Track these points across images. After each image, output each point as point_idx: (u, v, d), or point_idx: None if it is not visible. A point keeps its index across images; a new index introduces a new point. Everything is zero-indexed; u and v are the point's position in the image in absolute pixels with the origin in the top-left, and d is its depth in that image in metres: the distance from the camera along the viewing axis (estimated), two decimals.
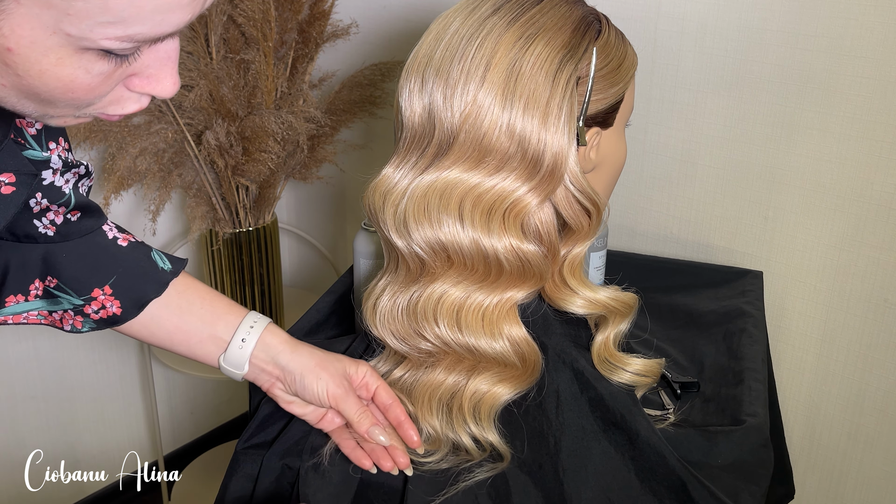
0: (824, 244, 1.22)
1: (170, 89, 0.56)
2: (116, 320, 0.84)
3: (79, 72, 0.50)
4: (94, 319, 0.84)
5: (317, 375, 0.83)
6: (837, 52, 1.14)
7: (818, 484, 1.33)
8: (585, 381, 0.80)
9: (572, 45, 0.76)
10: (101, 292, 0.82)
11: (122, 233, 0.85)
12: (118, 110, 0.57)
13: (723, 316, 1.14)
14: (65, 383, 1.77)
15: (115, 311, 0.83)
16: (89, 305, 0.82)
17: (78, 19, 0.47)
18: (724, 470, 0.85)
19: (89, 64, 0.50)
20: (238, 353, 0.84)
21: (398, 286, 0.81)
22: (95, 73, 0.51)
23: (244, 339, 0.84)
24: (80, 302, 0.82)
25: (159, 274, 0.85)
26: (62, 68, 0.50)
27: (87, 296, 0.82)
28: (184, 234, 1.87)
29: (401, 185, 0.78)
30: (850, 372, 1.25)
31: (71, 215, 0.80)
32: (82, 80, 0.51)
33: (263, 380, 0.85)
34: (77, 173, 0.78)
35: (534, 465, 0.79)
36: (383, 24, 1.66)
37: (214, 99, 1.49)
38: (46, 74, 0.50)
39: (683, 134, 1.31)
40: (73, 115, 0.56)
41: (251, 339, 0.84)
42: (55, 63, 0.49)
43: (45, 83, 0.50)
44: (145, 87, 0.56)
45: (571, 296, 0.82)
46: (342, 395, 0.82)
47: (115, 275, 0.83)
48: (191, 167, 1.56)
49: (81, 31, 0.48)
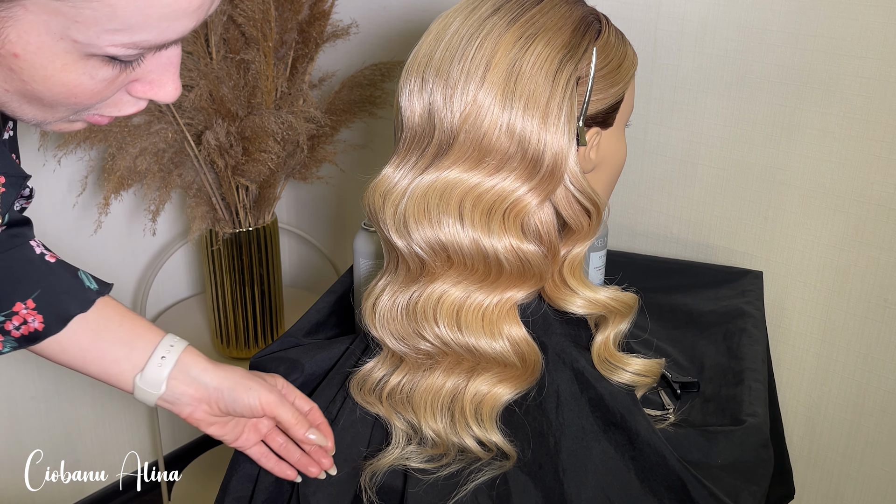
0: (824, 244, 1.22)
1: (171, 94, 0.57)
2: (38, 336, 0.80)
3: (83, 77, 0.51)
4: (15, 337, 0.80)
5: (247, 387, 0.81)
6: (837, 52, 1.14)
7: (818, 484, 1.33)
8: (585, 381, 0.80)
9: (572, 45, 0.76)
10: (23, 306, 0.78)
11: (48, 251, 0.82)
12: (115, 112, 0.57)
13: (723, 316, 1.14)
14: (65, 383, 1.77)
15: (36, 327, 0.79)
16: (10, 321, 0.79)
17: (86, 26, 0.48)
18: (724, 470, 0.85)
19: (94, 70, 0.51)
20: (156, 372, 0.81)
21: (398, 286, 0.81)
22: (99, 78, 0.52)
23: (164, 357, 0.81)
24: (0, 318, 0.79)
25: (85, 292, 0.81)
26: (67, 74, 0.50)
27: (7, 311, 0.78)
28: (184, 234, 1.87)
29: (401, 185, 0.78)
30: (850, 372, 1.25)
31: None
32: (86, 85, 0.52)
33: (184, 403, 0.82)
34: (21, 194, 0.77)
35: (534, 465, 0.79)
36: (383, 24, 1.66)
37: (214, 99, 1.49)
38: (51, 80, 0.50)
39: (683, 134, 1.31)
40: (69, 120, 0.56)
41: (171, 358, 0.81)
42: (60, 69, 0.50)
43: (50, 88, 0.51)
44: (147, 92, 0.56)
45: (571, 296, 0.82)
46: (277, 401, 0.81)
47: (39, 288, 0.79)
48: (191, 167, 1.56)
49: (88, 37, 0.48)
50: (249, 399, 0.81)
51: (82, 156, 1.63)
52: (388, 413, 0.84)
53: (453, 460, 0.81)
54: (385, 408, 0.84)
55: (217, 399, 0.82)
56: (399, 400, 0.83)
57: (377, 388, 0.84)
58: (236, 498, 0.88)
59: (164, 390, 0.81)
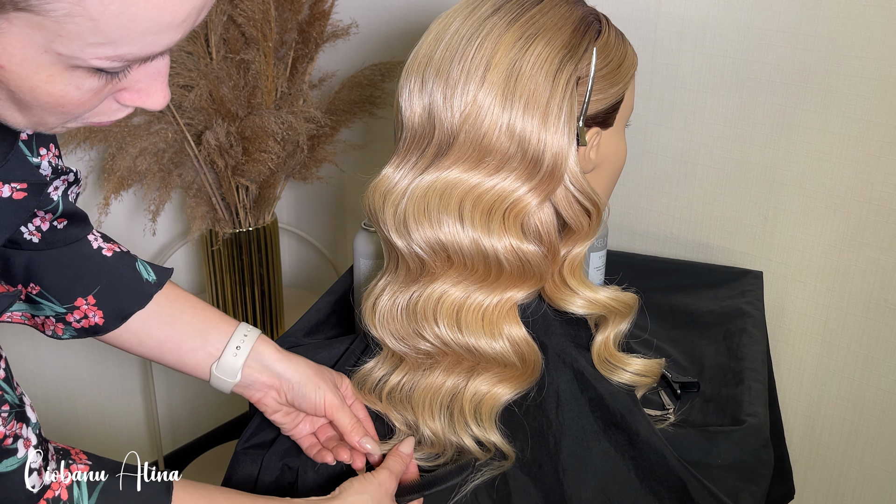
0: (824, 244, 1.22)
1: (160, 102, 0.57)
2: (98, 330, 0.83)
3: (69, 88, 0.51)
4: (76, 328, 0.83)
5: (315, 385, 0.84)
6: (837, 52, 1.14)
7: (818, 484, 1.33)
8: (585, 382, 0.80)
9: (572, 46, 0.76)
10: (84, 302, 0.82)
11: (108, 242, 0.85)
12: (105, 119, 0.57)
13: (723, 316, 1.14)
14: (65, 383, 1.77)
15: (97, 322, 0.82)
16: (71, 314, 0.82)
17: (69, 40, 0.48)
18: (724, 470, 0.85)
19: (80, 80, 0.51)
20: (232, 361, 0.84)
21: (398, 286, 0.81)
22: (86, 89, 0.52)
23: (238, 347, 0.84)
24: (62, 310, 0.81)
25: (143, 286, 0.84)
26: (53, 85, 0.51)
27: (69, 304, 0.81)
28: (184, 234, 1.87)
29: (401, 185, 0.78)
30: (850, 372, 1.25)
31: (57, 223, 0.79)
32: (72, 95, 0.52)
33: (255, 388, 0.85)
34: (66, 180, 0.78)
35: (534, 466, 0.79)
36: (383, 24, 1.66)
37: (214, 99, 1.49)
38: (38, 90, 0.51)
39: (683, 134, 1.31)
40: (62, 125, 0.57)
41: (245, 347, 0.84)
42: (46, 80, 0.50)
43: (37, 98, 0.51)
44: (136, 100, 0.56)
45: (571, 296, 0.82)
46: (339, 405, 0.84)
47: (98, 285, 0.82)
48: (191, 167, 1.56)
49: (72, 50, 0.48)
50: (316, 397, 0.83)
51: (82, 156, 1.63)
52: (387, 411, 0.84)
53: (450, 460, 0.81)
54: (384, 406, 0.84)
55: (287, 389, 0.84)
56: (399, 399, 0.83)
57: (377, 387, 0.84)
58: None
59: (240, 378, 0.84)
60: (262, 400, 0.85)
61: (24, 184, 0.67)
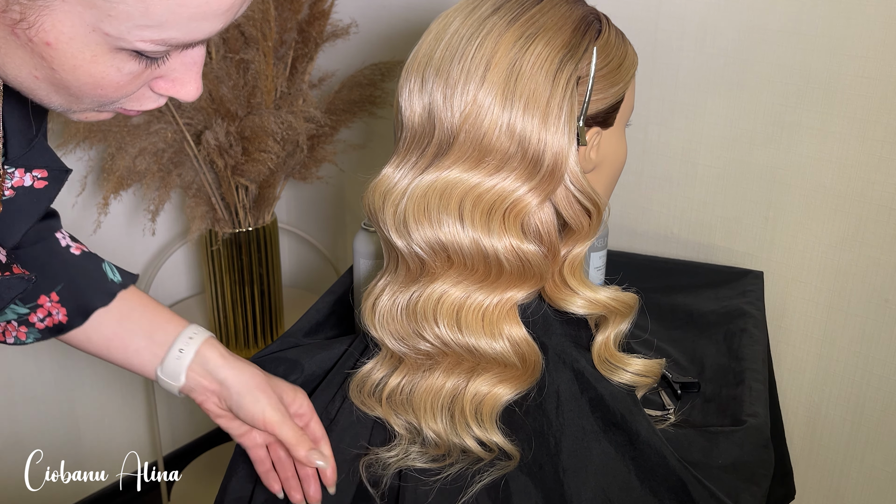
0: (824, 244, 1.22)
1: (193, 93, 0.58)
2: (62, 328, 0.81)
3: (110, 70, 0.53)
4: (40, 329, 0.81)
5: (255, 397, 0.81)
6: (837, 52, 1.14)
7: (818, 484, 1.33)
8: (586, 382, 0.80)
9: (572, 45, 0.76)
10: (47, 299, 0.80)
11: (75, 242, 0.84)
12: (137, 107, 0.59)
13: (723, 316, 1.14)
14: (65, 383, 1.77)
15: (60, 319, 0.81)
16: (35, 314, 0.80)
17: (118, 20, 0.49)
18: (724, 470, 0.85)
19: (121, 63, 0.53)
20: (175, 364, 0.82)
21: (398, 286, 0.81)
22: (126, 72, 0.54)
23: (182, 350, 0.82)
24: (25, 311, 0.80)
25: (108, 285, 0.83)
26: (95, 65, 0.52)
27: (32, 303, 0.80)
28: (183, 234, 1.87)
29: (401, 185, 0.78)
30: (850, 372, 1.25)
31: None
32: (112, 77, 0.54)
33: (198, 393, 0.83)
34: None
35: (534, 466, 0.79)
36: (383, 24, 1.65)
37: (214, 99, 1.49)
38: (80, 70, 0.52)
39: (683, 134, 1.31)
40: (94, 110, 0.58)
41: (189, 350, 0.82)
42: (90, 60, 0.52)
43: (78, 78, 0.53)
44: (170, 89, 0.58)
45: (572, 296, 0.82)
46: (279, 420, 0.80)
47: (63, 282, 0.81)
48: (190, 167, 1.56)
49: (119, 31, 0.50)
50: (254, 409, 0.80)
51: (81, 155, 1.63)
52: (388, 415, 0.83)
53: (457, 460, 0.81)
54: (384, 409, 0.84)
55: (226, 397, 0.82)
56: (399, 401, 0.83)
57: (377, 389, 0.84)
58: (236, 498, 0.88)
59: (184, 381, 0.82)
60: (204, 404, 0.83)
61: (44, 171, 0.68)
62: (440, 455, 0.82)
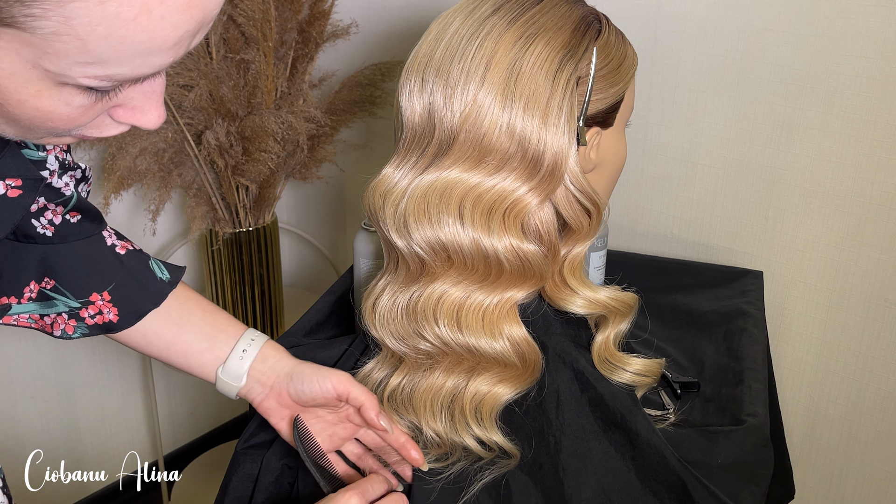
0: (824, 244, 1.22)
1: (154, 121, 0.55)
2: (112, 328, 0.83)
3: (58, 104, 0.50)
4: (89, 325, 0.83)
5: (318, 371, 0.82)
6: (837, 52, 1.14)
7: (818, 484, 1.33)
8: (585, 381, 0.80)
9: (572, 45, 0.76)
10: (99, 297, 0.82)
11: (122, 240, 0.85)
12: (97, 134, 0.56)
13: (723, 316, 1.14)
14: (65, 383, 1.77)
15: (111, 319, 0.82)
16: (86, 309, 0.82)
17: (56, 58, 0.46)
18: (724, 470, 0.85)
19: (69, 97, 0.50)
20: (237, 364, 0.83)
21: (398, 286, 0.81)
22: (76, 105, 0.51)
23: (245, 350, 0.84)
24: (76, 305, 0.81)
25: (158, 284, 0.84)
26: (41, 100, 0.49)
27: (84, 299, 0.81)
28: (184, 234, 1.87)
29: (401, 184, 0.78)
30: (850, 372, 1.25)
31: (70, 216, 0.79)
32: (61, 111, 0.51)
33: (257, 391, 0.84)
34: (73, 176, 0.78)
35: (534, 465, 0.79)
36: (383, 24, 1.66)
37: (214, 99, 1.49)
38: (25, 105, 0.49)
39: (683, 134, 1.31)
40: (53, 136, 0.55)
41: (252, 351, 0.84)
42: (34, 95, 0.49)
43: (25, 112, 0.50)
44: (129, 118, 0.55)
45: (571, 296, 0.82)
46: (349, 381, 0.80)
47: (113, 282, 0.82)
48: (191, 167, 1.56)
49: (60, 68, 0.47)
50: (320, 381, 0.80)
51: (82, 155, 1.63)
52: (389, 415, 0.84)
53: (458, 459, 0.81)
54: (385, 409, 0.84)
55: (286, 384, 0.82)
56: (400, 401, 0.83)
57: (378, 390, 0.84)
58: (236, 498, 0.88)
59: (245, 382, 0.83)
60: (263, 403, 0.84)
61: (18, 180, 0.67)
62: (441, 455, 0.82)
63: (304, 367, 0.83)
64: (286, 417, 0.84)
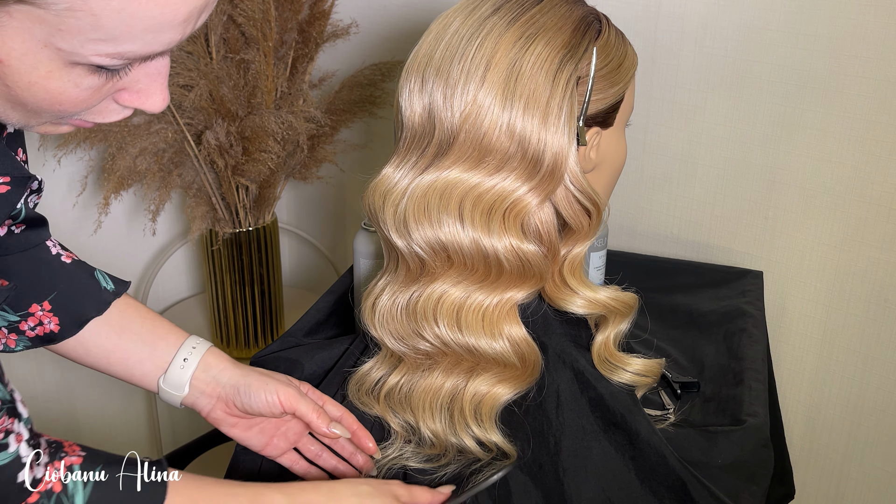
0: (824, 244, 1.22)
1: (159, 104, 0.56)
2: (53, 338, 0.81)
3: (68, 85, 0.51)
4: (30, 337, 0.80)
5: (265, 384, 0.81)
6: (837, 52, 1.14)
7: (818, 484, 1.33)
8: (585, 381, 0.80)
9: (572, 45, 0.76)
10: (38, 308, 0.79)
11: (66, 251, 0.83)
12: (100, 119, 0.56)
13: (723, 316, 1.14)
14: (65, 383, 1.77)
15: (52, 329, 0.80)
16: (25, 322, 0.79)
17: (69, 35, 0.47)
18: (724, 470, 0.85)
19: (79, 78, 0.51)
20: (179, 374, 0.81)
21: (398, 286, 0.81)
22: (85, 86, 0.51)
23: (186, 359, 0.82)
24: (15, 318, 0.79)
25: (102, 293, 0.82)
26: (51, 81, 0.50)
27: (23, 311, 0.79)
28: (184, 234, 1.87)
29: (401, 184, 0.78)
30: (850, 372, 1.25)
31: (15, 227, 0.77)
32: (71, 93, 0.51)
33: (203, 403, 0.83)
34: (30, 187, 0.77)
35: (534, 465, 0.79)
36: (383, 24, 1.66)
37: (214, 99, 1.49)
38: (35, 86, 0.50)
39: (683, 134, 1.31)
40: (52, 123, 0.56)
41: (193, 359, 0.82)
42: (45, 76, 0.49)
43: (34, 94, 0.50)
44: (135, 101, 0.55)
45: (571, 296, 0.82)
46: (295, 395, 0.80)
47: (55, 290, 0.80)
48: (191, 167, 1.56)
49: (72, 46, 0.48)
50: (268, 396, 0.80)
51: (82, 156, 1.63)
52: (385, 413, 0.84)
53: (452, 460, 0.81)
54: (382, 407, 0.84)
55: (233, 396, 0.81)
56: (397, 400, 0.83)
57: (375, 388, 0.84)
58: None
59: (188, 391, 0.82)
60: (211, 414, 0.83)
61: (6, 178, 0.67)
62: (435, 455, 0.82)
63: (252, 379, 0.81)
64: (237, 425, 0.84)
